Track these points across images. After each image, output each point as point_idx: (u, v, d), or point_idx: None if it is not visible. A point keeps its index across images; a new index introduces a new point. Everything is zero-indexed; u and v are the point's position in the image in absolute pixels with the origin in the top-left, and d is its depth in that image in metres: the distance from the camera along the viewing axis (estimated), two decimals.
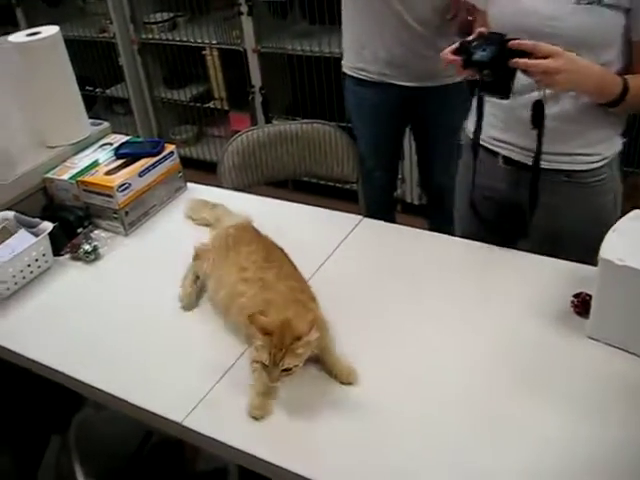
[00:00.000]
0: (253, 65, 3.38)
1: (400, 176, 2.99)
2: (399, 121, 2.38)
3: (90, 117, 1.95)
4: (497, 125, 1.57)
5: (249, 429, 1.13)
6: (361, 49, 2.20)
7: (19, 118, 1.86)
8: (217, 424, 1.15)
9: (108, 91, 4.06)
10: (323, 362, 1.22)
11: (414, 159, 2.93)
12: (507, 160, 1.58)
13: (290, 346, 1.09)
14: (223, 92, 3.68)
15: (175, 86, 3.88)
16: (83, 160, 1.80)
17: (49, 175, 1.76)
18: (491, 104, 1.55)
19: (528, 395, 1.14)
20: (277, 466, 1.07)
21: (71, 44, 1.90)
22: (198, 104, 3.79)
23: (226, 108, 3.72)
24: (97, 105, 4.21)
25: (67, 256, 1.64)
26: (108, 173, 1.70)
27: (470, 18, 2.04)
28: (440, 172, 2.45)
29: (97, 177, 1.69)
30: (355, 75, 2.27)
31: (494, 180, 1.61)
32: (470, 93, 1.48)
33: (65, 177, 1.73)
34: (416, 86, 2.19)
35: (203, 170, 2.99)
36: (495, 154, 1.60)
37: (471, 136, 1.58)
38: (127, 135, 1.91)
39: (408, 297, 1.39)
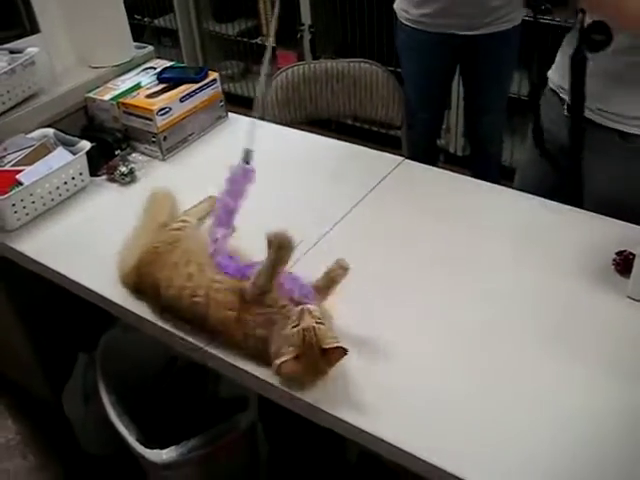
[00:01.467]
0: (304, 2, 3.30)
1: (444, 125, 2.92)
2: (450, 65, 2.32)
3: None
4: (561, 72, 1.50)
5: None
6: (422, 2, 2.12)
7: (65, 36, 1.85)
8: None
9: (156, 21, 4.01)
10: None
11: (461, 108, 2.86)
12: (569, 108, 1.50)
13: None
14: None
15: (224, 19, 3.81)
16: (125, 82, 1.78)
17: (91, 95, 1.75)
18: (562, 50, 1.49)
19: (560, 349, 1.10)
20: (295, 397, 1.06)
21: None
22: (245, 39, 3.72)
23: (273, 45, 3.66)
24: (145, 36, 4.17)
25: (103, 177, 1.64)
26: (149, 96, 1.68)
27: None
28: (487, 120, 2.40)
29: (138, 99, 1.67)
30: (407, 24, 2.20)
31: (558, 128, 1.54)
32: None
33: (106, 98, 1.71)
34: (470, 35, 2.12)
35: (246, 107, 2.95)
36: (562, 101, 1.52)
37: (551, 85, 1.54)
38: None
39: (443, 242, 1.35)
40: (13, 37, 2.02)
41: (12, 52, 1.76)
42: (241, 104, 3.15)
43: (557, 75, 1.54)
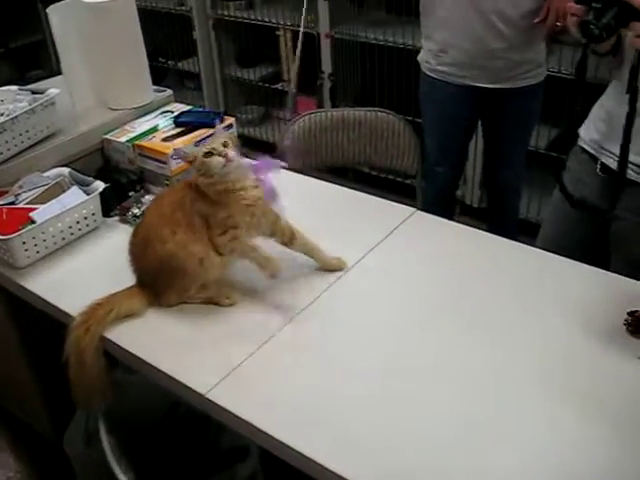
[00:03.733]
0: (325, 50, 3.34)
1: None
2: (472, 119, 2.33)
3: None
4: (601, 129, 1.48)
5: (274, 410, 1.11)
6: (441, 53, 2.15)
7: (85, 78, 1.89)
8: (241, 401, 1.13)
9: (180, 64, 4.08)
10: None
11: (478, 159, 2.86)
12: (605, 168, 1.48)
13: None
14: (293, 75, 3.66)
15: (246, 65, 3.87)
16: (143, 125, 1.81)
17: (108, 136, 1.77)
18: (600, 105, 1.48)
19: (566, 410, 1.08)
20: (297, 451, 1.04)
21: (148, 14, 1.91)
22: (267, 85, 3.78)
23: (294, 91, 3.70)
24: (168, 78, 4.24)
25: (116, 218, 1.65)
26: (165, 140, 1.70)
27: (559, 24, 1.97)
28: (507, 173, 2.40)
29: (153, 142, 1.69)
30: (430, 74, 2.22)
31: (588, 187, 1.51)
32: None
33: (123, 139, 1.73)
34: (494, 88, 2.13)
35: (265, 151, 2.98)
36: (595, 159, 1.50)
37: (581, 144, 1.52)
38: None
39: (451, 297, 1.34)
40: (43, 77, 2.07)
41: (34, 92, 1.79)
42: (260, 148, 3.19)
43: (592, 131, 1.50)
